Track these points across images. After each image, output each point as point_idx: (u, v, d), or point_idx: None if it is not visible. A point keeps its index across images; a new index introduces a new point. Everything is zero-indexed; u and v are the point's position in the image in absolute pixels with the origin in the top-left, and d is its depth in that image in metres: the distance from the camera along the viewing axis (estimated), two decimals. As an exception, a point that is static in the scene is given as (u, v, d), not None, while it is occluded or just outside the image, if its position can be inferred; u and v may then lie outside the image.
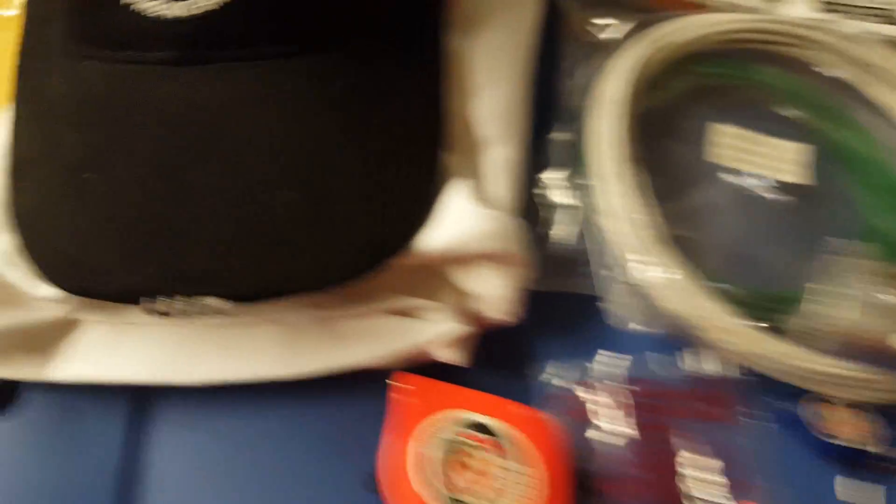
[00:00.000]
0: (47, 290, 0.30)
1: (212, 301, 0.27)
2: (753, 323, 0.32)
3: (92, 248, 0.29)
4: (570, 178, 0.36)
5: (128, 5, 0.30)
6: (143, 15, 0.30)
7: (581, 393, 0.32)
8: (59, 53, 0.33)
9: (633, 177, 0.34)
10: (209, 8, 0.29)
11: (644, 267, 0.33)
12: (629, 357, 0.33)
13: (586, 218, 0.35)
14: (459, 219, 0.31)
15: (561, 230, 0.35)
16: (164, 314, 0.28)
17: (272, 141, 0.30)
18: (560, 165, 0.36)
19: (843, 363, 0.31)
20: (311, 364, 0.32)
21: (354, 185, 0.30)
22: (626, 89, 0.36)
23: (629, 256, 0.33)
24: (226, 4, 0.29)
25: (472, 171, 0.33)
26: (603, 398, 0.32)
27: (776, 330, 0.32)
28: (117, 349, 0.33)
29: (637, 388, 0.32)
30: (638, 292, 0.33)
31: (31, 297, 0.31)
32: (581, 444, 0.31)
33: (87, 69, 0.32)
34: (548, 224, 0.35)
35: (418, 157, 0.32)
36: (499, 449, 0.29)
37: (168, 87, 0.30)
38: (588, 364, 0.33)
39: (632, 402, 0.32)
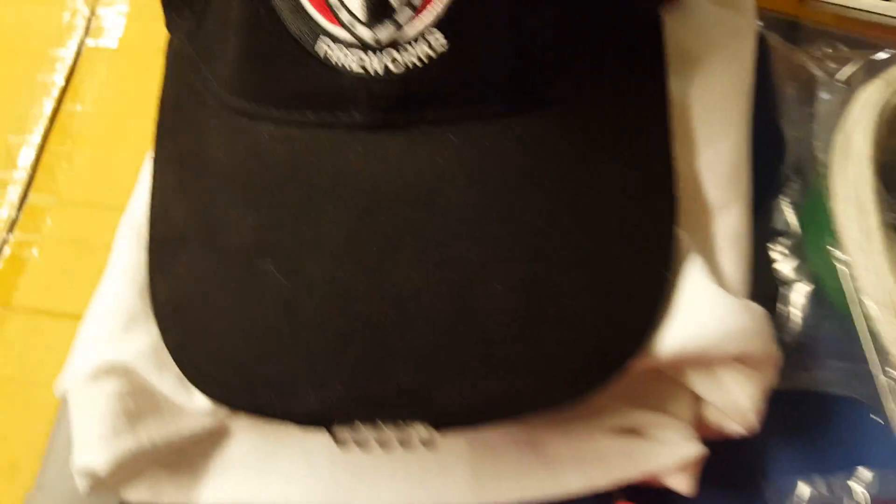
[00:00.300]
0: (203, 401, 0.25)
1: (421, 430, 0.22)
2: None
3: (270, 356, 0.24)
4: (800, 249, 0.30)
5: (321, 57, 0.24)
6: (339, 69, 0.24)
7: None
8: (218, 108, 0.28)
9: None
10: (423, 61, 0.24)
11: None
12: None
13: (832, 299, 0.29)
14: (701, 310, 0.25)
15: (797, 312, 0.29)
16: (360, 444, 0.22)
17: (484, 224, 0.24)
18: (787, 233, 0.30)
19: None
20: (511, 492, 0.26)
21: (578, 277, 0.24)
22: (874, 142, 0.30)
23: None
24: (442, 56, 0.24)
25: (699, 246, 0.27)
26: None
27: None
28: (274, 464, 0.27)
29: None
30: None
31: (179, 408, 0.26)
32: None
33: (261, 132, 0.26)
34: (785, 305, 0.29)
35: (652, 236, 0.26)
36: None
37: (364, 158, 0.25)
38: (850, 482, 0.27)
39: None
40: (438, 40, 0.24)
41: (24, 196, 0.40)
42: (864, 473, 0.27)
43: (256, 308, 0.24)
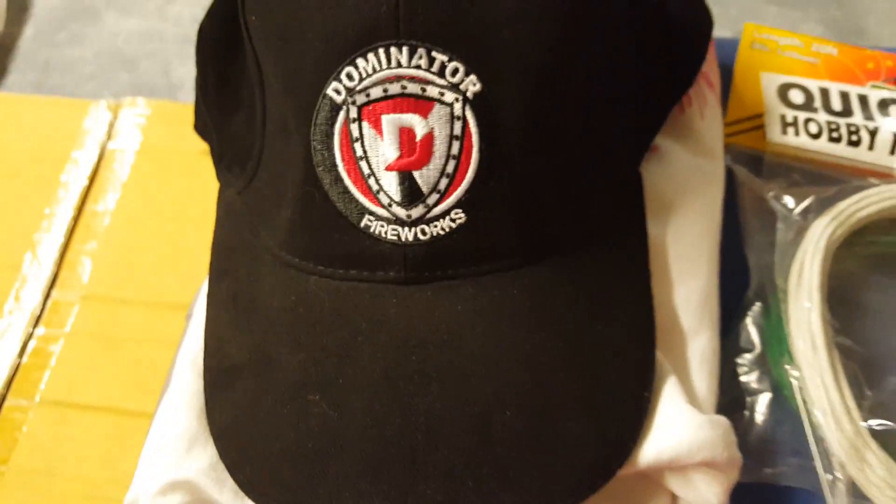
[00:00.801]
0: None
1: None
2: None
3: (318, 476, 0.28)
4: (762, 362, 0.36)
5: (363, 228, 0.31)
6: (379, 238, 0.31)
7: None
8: (271, 260, 0.33)
9: (840, 366, 0.34)
10: (445, 231, 0.30)
11: (860, 465, 0.32)
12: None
13: (790, 404, 0.34)
14: (675, 424, 0.31)
15: (760, 416, 0.35)
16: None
17: (497, 361, 0.30)
18: (752, 349, 0.36)
19: None
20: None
21: (576, 402, 0.30)
22: (821, 271, 0.36)
23: (845, 454, 0.32)
24: (461, 226, 0.30)
25: (674, 367, 0.33)
26: None
27: None
28: None
29: None
30: (857, 492, 0.32)
31: None
32: None
33: (309, 282, 0.32)
34: (750, 411, 0.35)
35: (636, 363, 0.31)
36: None
37: (397, 307, 0.31)
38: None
39: None
40: (459, 216, 0.30)
41: (49, 292, 0.42)
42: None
43: (305, 434, 0.29)
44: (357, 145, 0.30)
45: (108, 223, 0.44)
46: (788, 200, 0.39)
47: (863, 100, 0.42)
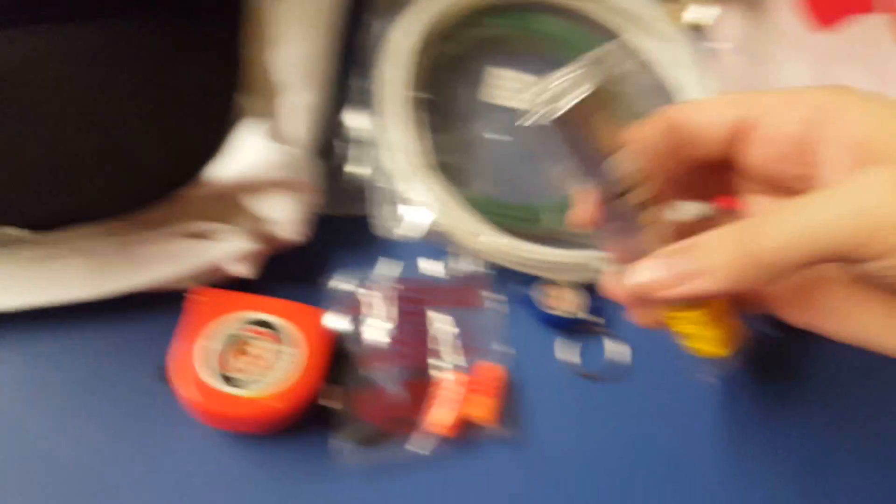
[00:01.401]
0: None
1: (11, 230, 0.32)
2: (499, 229, 0.38)
3: None
4: (366, 119, 0.42)
5: None
6: None
7: (360, 293, 0.38)
8: None
9: (411, 115, 0.40)
10: None
11: (413, 189, 0.38)
12: (402, 262, 0.40)
13: (375, 152, 0.40)
14: (250, 152, 0.36)
15: (355, 163, 0.41)
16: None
17: (73, 93, 0.34)
18: (358, 108, 0.42)
19: (566, 253, 0.38)
20: (114, 285, 0.36)
21: (146, 128, 0.35)
22: (412, 41, 0.41)
23: (401, 180, 0.38)
24: None
25: (270, 113, 0.38)
26: (377, 295, 0.38)
27: (524, 233, 0.38)
28: None
29: (405, 286, 0.38)
30: (409, 210, 0.38)
31: None
32: (356, 332, 0.37)
33: None
34: (344, 158, 0.41)
35: (211, 101, 0.37)
36: (274, 338, 0.34)
37: None
38: (369, 271, 0.39)
39: (398, 296, 0.38)
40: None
41: None
42: (380, 263, 0.39)
43: None
44: None
45: None
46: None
47: None
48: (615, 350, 0.39)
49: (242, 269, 0.37)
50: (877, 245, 0.23)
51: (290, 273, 0.39)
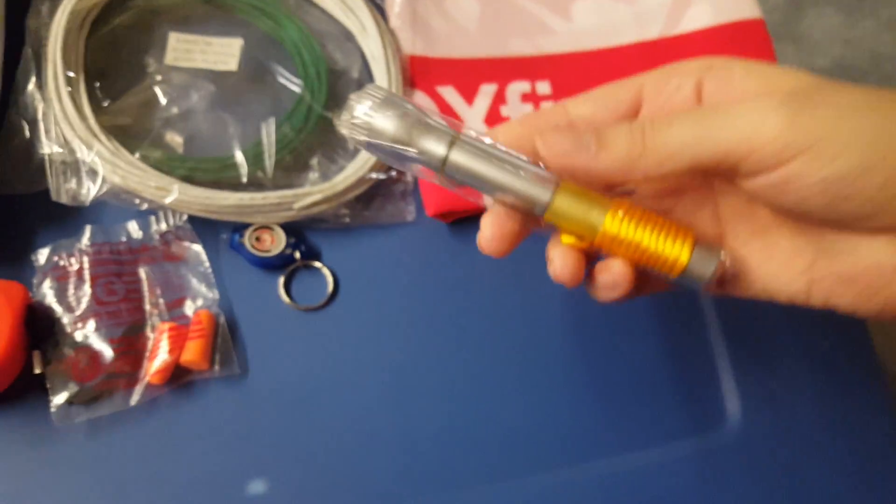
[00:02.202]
0: None
1: None
2: (197, 184, 0.40)
3: None
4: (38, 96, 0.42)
5: None
6: None
7: (70, 262, 0.39)
8: None
9: (82, 87, 0.41)
10: None
11: (88, 153, 0.39)
12: (106, 228, 0.41)
13: (51, 126, 0.41)
14: None
15: (34, 140, 0.41)
16: None
17: None
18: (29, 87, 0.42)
19: (261, 195, 0.41)
20: None
21: None
22: (69, 19, 0.42)
23: (78, 150, 0.40)
24: None
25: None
26: (83, 261, 0.39)
27: (228, 183, 0.41)
28: None
29: (111, 249, 0.40)
30: (91, 176, 0.40)
31: None
32: (63, 299, 0.38)
33: None
34: (21, 136, 0.41)
35: None
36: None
37: None
38: (75, 240, 0.40)
39: (104, 259, 0.39)
40: None
41: None
42: (93, 230, 0.40)
43: None
44: None
45: None
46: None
47: None
48: (323, 281, 0.43)
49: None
50: (754, 162, 0.25)
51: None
